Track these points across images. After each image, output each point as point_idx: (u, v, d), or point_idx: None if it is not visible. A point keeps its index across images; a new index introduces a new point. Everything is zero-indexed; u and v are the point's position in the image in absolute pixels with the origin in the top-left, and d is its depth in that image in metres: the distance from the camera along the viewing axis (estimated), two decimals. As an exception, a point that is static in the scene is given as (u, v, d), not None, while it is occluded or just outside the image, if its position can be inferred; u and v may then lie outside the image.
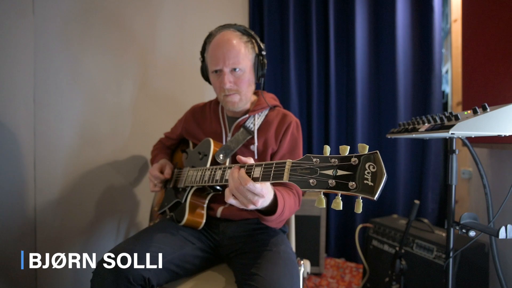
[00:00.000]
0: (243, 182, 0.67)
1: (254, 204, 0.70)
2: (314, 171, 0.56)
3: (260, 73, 1.08)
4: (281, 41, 2.33)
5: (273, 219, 0.85)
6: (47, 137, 1.32)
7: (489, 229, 0.81)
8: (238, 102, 1.05)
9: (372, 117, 2.19)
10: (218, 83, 1.04)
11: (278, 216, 0.84)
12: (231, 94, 1.03)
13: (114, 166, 1.55)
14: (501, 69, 1.25)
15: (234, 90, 1.03)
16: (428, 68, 1.99)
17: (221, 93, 1.05)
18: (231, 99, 1.04)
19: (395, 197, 2.07)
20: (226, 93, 1.03)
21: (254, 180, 0.68)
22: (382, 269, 1.56)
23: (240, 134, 1.06)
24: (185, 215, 1.00)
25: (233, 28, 1.05)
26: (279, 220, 0.90)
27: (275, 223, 0.91)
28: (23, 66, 1.25)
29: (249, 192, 0.68)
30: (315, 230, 1.91)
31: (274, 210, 0.83)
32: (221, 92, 1.05)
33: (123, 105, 1.59)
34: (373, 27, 2.18)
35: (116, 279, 0.81)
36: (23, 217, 1.27)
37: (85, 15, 1.43)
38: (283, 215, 0.86)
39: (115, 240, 1.58)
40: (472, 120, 0.80)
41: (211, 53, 1.04)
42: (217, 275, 1.00)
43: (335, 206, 0.52)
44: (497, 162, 1.49)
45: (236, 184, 0.69)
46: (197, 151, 1.11)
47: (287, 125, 1.06)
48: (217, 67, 1.01)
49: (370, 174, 0.48)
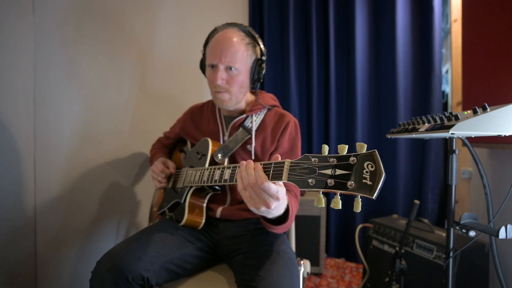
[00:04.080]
0: (259, 181, 0.63)
1: (267, 206, 0.65)
2: (312, 170, 0.56)
3: (256, 77, 1.06)
4: (281, 41, 2.33)
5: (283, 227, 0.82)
6: (47, 137, 1.32)
7: (489, 229, 0.81)
8: (228, 101, 1.04)
9: (372, 117, 2.19)
10: (211, 78, 1.04)
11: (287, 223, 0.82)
12: (221, 92, 1.03)
13: (114, 166, 1.55)
14: (501, 69, 1.25)
15: (224, 88, 1.02)
16: (428, 68, 1.99)
17: (212, 88, 1.05)
18: (220, 96, 1.04)
19: (395, 197, 2.07)
20: (217, 89, 1.03)
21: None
22: (382, 269, 1.56)
23: (239, 134, 1.06)
24: (185, 215, 1.00)
25: (238, 27, 1.05)
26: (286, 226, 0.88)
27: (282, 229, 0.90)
28: (23, 66, 1.25)
29: (263, 192, 0.64)
30: (315, 230, 1.91)
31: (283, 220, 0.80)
32: (212, 87, 1.05)
33: (123, 104, 1.59)
34: (373, 27, 2.18)
35: (115, 279, 0.81)
36: (23, 217, 1.27)
37: (85, 15, 1.43)
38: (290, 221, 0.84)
39: (115, 240, 1.58)
40: (472, 120, 0.80)
41: (210, 47, 1.04)
42: (217, 275, 1.00)
43: (334, 206, 0.52)
44: (497, 162, 1.49)
45: (252, 181, 0.64)
46: (195, 151, 1.11)
47: (285, 125, 1.06)
48: (213, 62, 1.01)
49: (369, 173, 0.48)
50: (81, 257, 1.44)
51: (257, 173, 0.64)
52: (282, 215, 0.76)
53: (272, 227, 0.83)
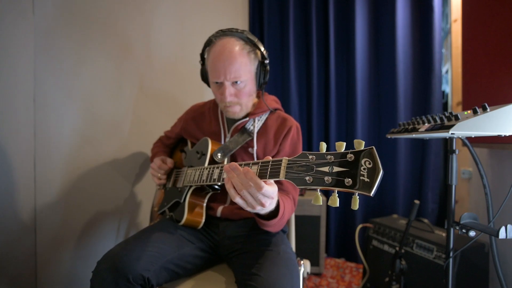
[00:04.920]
0: (257, 188, 0.65)
1: (263, 206, 0.69)
2: (310, 168, 0.56)
3: (262, 81, 1.06)
4: (281, 41, 2.33)
5: (274, 223, 0.85)
6: (47, 137, 1.32)
7: (489, 229, 0.81)
8: (239, 112, 1.05)
9: (372, 117, 2.19)
10: (219, 94, 1.02)
11: (278, 220, 0.84)
12: (231, 106, 1.03)
13: (114, 166, 1.55)
14: (501, 69, 1.25)
15: (234, 102, 1.02)
16: (428, 68, 1.99)
17: (221, 103, 1.04)
18: (232, 109, 1.04)
19: (395, 197, 2.07)
20: (226, 104, 1.02)
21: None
22: (382, 269, 1.56)
23: (240, 136, 1.06)
24: (185, 214, 1.00)
25: (235, 36, 1.00)
26: (279, 224, 0.90)
27: (275, 227, 0.91)
28: (23, 66, 1.25)
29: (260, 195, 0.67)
30: (315, 230, 1.90)
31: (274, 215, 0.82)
32: (221, 103, 1.04)
33: (123, 104, 1.59)
34: (373, 27, 2.18)
35: (115, 278, 0.81)
36: (23, 217, 1.27)
37: (84, 15, 1.43)
38: (283, 219, 0.86)
39: (115, 240, 1.58)
40: (472, 120, 0.80)
41: (211, 64, 1.00)
42: (217, 275, 1.00)
43: (331, 203, 0.52)
44: (497, 162, 1.49)
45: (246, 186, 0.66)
46: (195, 150, 1.11)
47: (288, 129, 1.06)
48: (218, 80, 0.99)
49: (366, 170, 0.48)
50: (81, 257, 1.44)
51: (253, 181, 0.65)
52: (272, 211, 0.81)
53: (266, 224, 0.86)
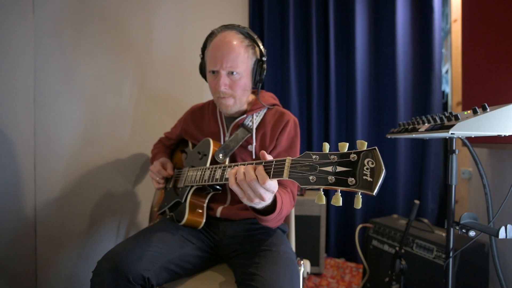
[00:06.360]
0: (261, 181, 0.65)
1: (263, 199, 0.69)
2: (313, 168, 0.56)
3: (258, 78, 1.06)
4: (281, 41, 2.32)
5: (272, 218, 0.85)
6: (47, 137, 1.32)
7: (489, 229, 0.81)
8: (232, 105, 1.05)
9: (372, 117, 2.19)
10: (213, 84, 1.03)
11: (276, 215, 0.84)
12: (225, 97, 1.03)
13: (114, 166, 1.55)
14: (501, 69, 1.25)
15: (228, 93, 1.02)
16: (428, 68, 1.99)
17: (215, 94, 1.05)
18: (225, 102, 1.03)
19: (395, 197, 2.07)
20: (220, 95, 1.02)
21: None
22: (382, 269, 1.56)
23: (239, 133, 1.06)
24: (185, 214, 1.00)
25: (236, 29, 1.03)
26: (277, 219, 0.90)
27: (274, 222, 0.91)
28: (23, 66, 1.25)
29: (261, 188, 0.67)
30: (315, 230, 1.90)
31: (272, 209, 0.82)
32: (215, 93, 1.04)
33: (123, 105, 1.59)
34: (373, 27, 2.18)
35: (116, 278, 0.81)
36: (23, 217, 1.27)
37: (84, 15, 1.43)
38: (281, 213, 0.86)
39: (115, 240, 1.58)
40: (472, 120, 0.80)
41: (210, 53, 1.02)
42: (217, 275, 1.00)
43: (334, 202, 0.53)
44: (497, 162, 1.49)
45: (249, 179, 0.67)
46: (196, 151, 1.11)
47: (285, 123, 1.06)
48: (214, 68, 1.00)
49: (369, 170, 0.48)
50: (81, 257, 1.44)
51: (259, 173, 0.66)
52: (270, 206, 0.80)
53: (264, 219, 0.85)
